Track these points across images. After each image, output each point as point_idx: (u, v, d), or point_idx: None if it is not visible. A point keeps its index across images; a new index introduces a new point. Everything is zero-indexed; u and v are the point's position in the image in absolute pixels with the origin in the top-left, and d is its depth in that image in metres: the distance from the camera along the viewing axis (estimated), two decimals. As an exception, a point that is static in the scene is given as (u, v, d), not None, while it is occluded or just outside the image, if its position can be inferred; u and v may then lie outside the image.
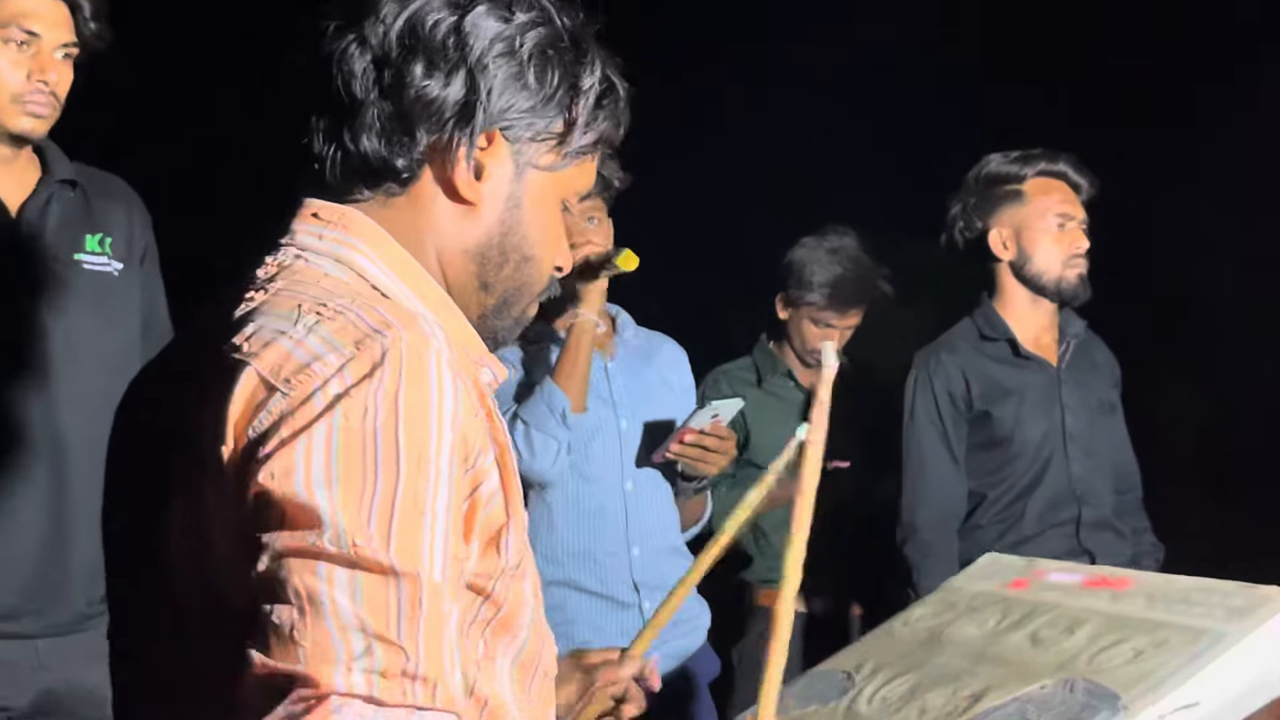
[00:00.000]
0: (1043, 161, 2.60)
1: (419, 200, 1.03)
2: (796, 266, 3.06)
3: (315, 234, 1.02)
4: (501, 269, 1.07)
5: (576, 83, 1.04)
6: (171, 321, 2.31)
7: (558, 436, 2.21)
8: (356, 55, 0.99)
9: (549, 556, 2.28)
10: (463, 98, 1.00)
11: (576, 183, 1.10)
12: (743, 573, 3.17)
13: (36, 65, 2.00)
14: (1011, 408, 2.57)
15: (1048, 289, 2.59)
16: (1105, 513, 2.59)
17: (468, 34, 0.99)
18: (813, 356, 3.13)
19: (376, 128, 0.99)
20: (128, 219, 2.22)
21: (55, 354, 2.08)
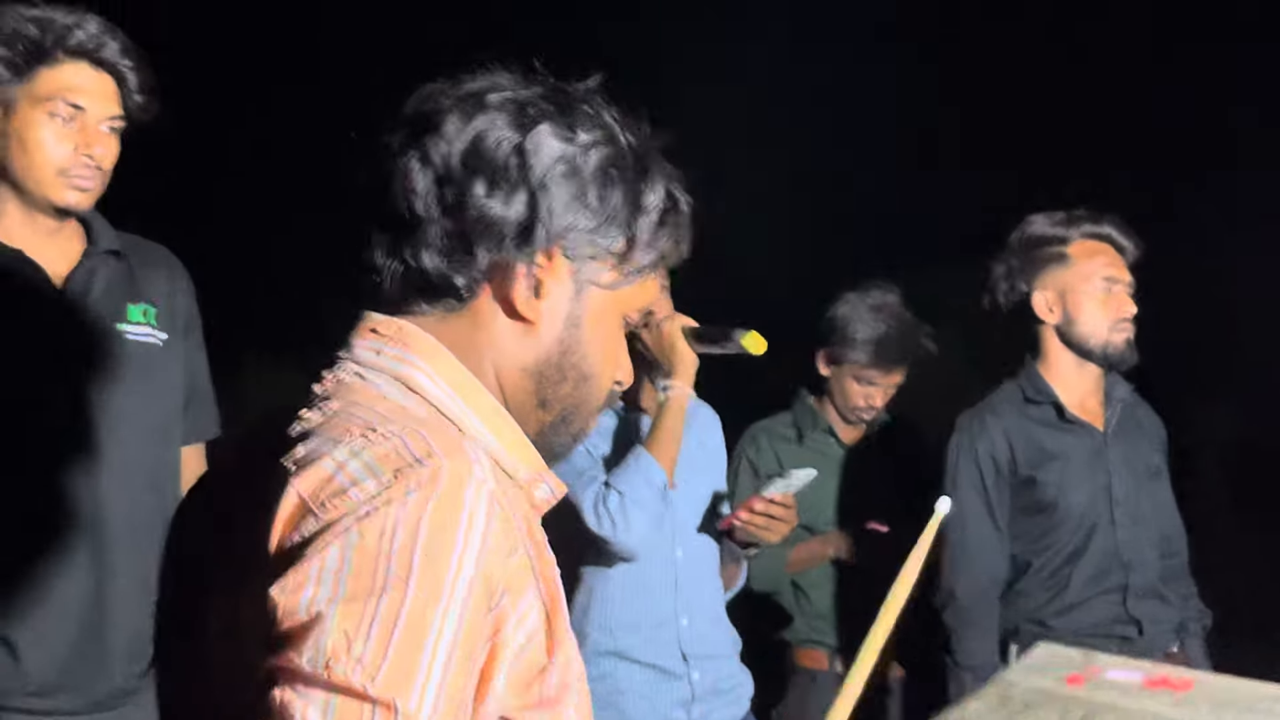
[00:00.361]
0: (1088, 223, 2.57)
1: (478, 316, 1.03)
2: (840, 323, 3.04)
3: (374, 349, 1.02)
4: (560, 387, 1.06)
5: (639, 201, 1.04)
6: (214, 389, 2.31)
7: (653, 511, 2.18)
8: (419, 172, 1.00)
9: (602, 626, 2.25)
10: (524, 218, 1.00)
11: (637, 299, 1.09)
12: (783, 632, 3.15)
13: (82, 139, 2.00)
14: (1056, 473, 2.53)
15: (1094, 353, 2.56)
16: (1152, 579, 2.54)
17: (530, 154, 1.00)
18: (854, 414, 3.12)
19: (438, 245, 1.00)
20: (171, 288, 2.22)
21: (97, 428, 2.07)
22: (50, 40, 2.00)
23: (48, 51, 2.00)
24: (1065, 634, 2.45)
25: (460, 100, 1.02)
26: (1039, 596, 2.51)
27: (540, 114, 1.02)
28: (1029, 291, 2.59)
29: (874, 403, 3.06)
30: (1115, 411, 2.61)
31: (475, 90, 1.03)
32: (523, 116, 1.01)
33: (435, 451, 0.88)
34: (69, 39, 2.00)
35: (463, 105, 1.01)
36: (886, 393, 3.08)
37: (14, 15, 2.00)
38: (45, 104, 1.99)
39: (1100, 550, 2.51)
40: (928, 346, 3.07)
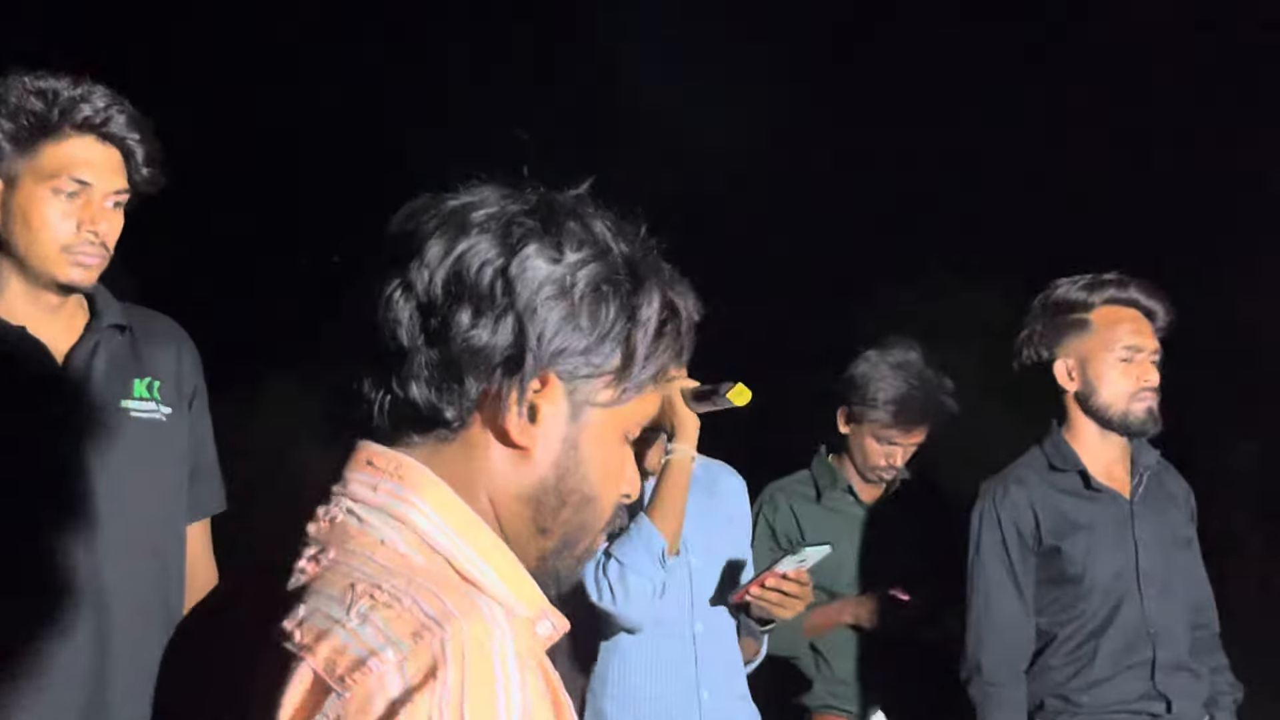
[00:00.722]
0: (1112, 289, 2.52)
1: (471, 445, 0.99)
2: (860, 381, 2.98)
3: (370, 485, 0.98)
4: (560, 512, 1.02)
5: (634, 315, 1.00)
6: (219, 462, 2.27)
7: (654, 579, 2.15)
8: (402, 301, 0.97)
9: (619, 700, 2.23)
10: (512, 345, 0.96)
11: (639, 414, 1.05)
12: (802, 697, 3.08)
13: (87, 215, 1.97)
14: (1082, 543, 2.48)
15: (1114, 422, 2.51)
16: (1181, 654, 2.48)
17: (515, 278, 0.96)
18: (874, 473, 3.06)
19: (425, 375, 0.96)
20: (177, 361, 2.18)
21: (100, 505, 2.04)
22: (56, 114, 1.96)
23: (53, 126, 1.96)
24: (1092, 710, 2.42)
25: (443, 222, 0.98)
26: (1064, 671, 2.45)
27: (526, 233, 0.97)
28: (1051, 358, 2.55)
29: (894, 462, 3.00)
30: (1142, 480, 2.55)
31: (458, 209, 0.99)
32: (507, 237, 0.97)
33: (450, 611, 0.86)
34: (75, 113, 1.97)
35: (445, 227, 0.98)
36: (907, 452, 3.02)
37: (18, 87, 1.97)
38: (50, 180, 1.96)
39: (1127, 624, 2.45)
40: (949, 406, 3.00)
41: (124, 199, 2.03)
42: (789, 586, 2.22)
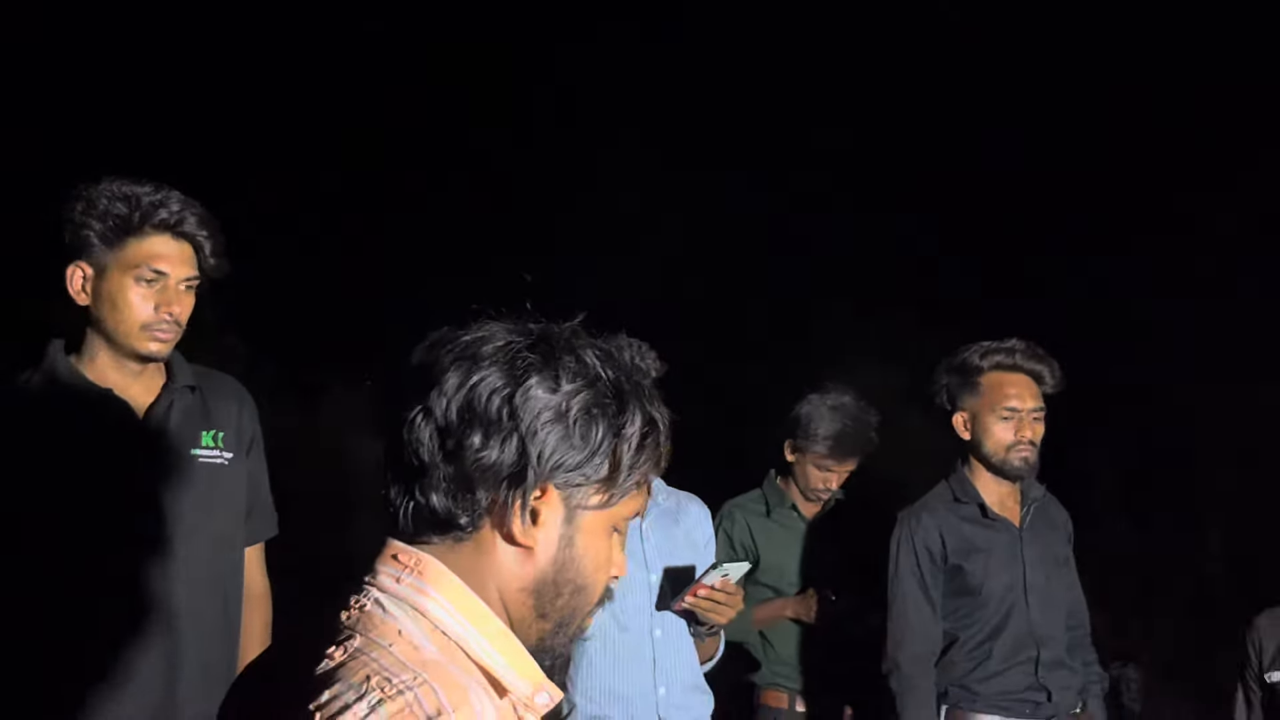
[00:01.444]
0: (999, 355, 2.83)
1: (481, 545, 1.09)
2: (804, 420, 3.38)
3: (394, 577, 1.08)
4: (557, 600, 1.12)
5: (621, 431, 1.10)
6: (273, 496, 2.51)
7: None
8: (423, 424, 1.07)
9: (586, 694, 2.51)
10: (516, 462, 1.06)
11: (626, 511, 1.15)
12: (752, 676, 3.48)
13: (163, 299, 2.18)
14: (980, 563, 2.81)
15: (995, 468, 2.84)
16: (1059, 653, 2.82)
17: (519, 406, 1.06)
18: (813, 494, 3.45)
19: (443, 487, 1.07)
20: (238, 414, 2.40)
21: (171, 534, 2.23)
22: (138, 217, 2.18)
23: (136, 226, 2.18)
24: (987, 698, 2.79)
25: (459, 356, 1.08)
26: (965, 666, 2.80)
27: (528, 366, 1.07)
28: (952, 411, 2.89)
29: (830, 485, 3.39)
30: (1030, 510, 2.89)
31: (471, 343, 1.09)
32: (513, 370, 1.07)
33: (444, 708, 0.97)
34: (154, 216, 2.19)
35: (460, 361, 1.08)
36: (841, 477, 3.41)
37: (107, 193, 2.18)
38: (133, 270, 2.17)
39: (1016, 628, 2.80)
40: (875, 440, 3.39)
41: (195, 283, 2.25)
42: (718, 596, 2.45)
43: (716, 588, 2.48)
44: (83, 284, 2.20)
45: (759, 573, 3.46)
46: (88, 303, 2.21)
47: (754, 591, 3.45)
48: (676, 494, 2.76)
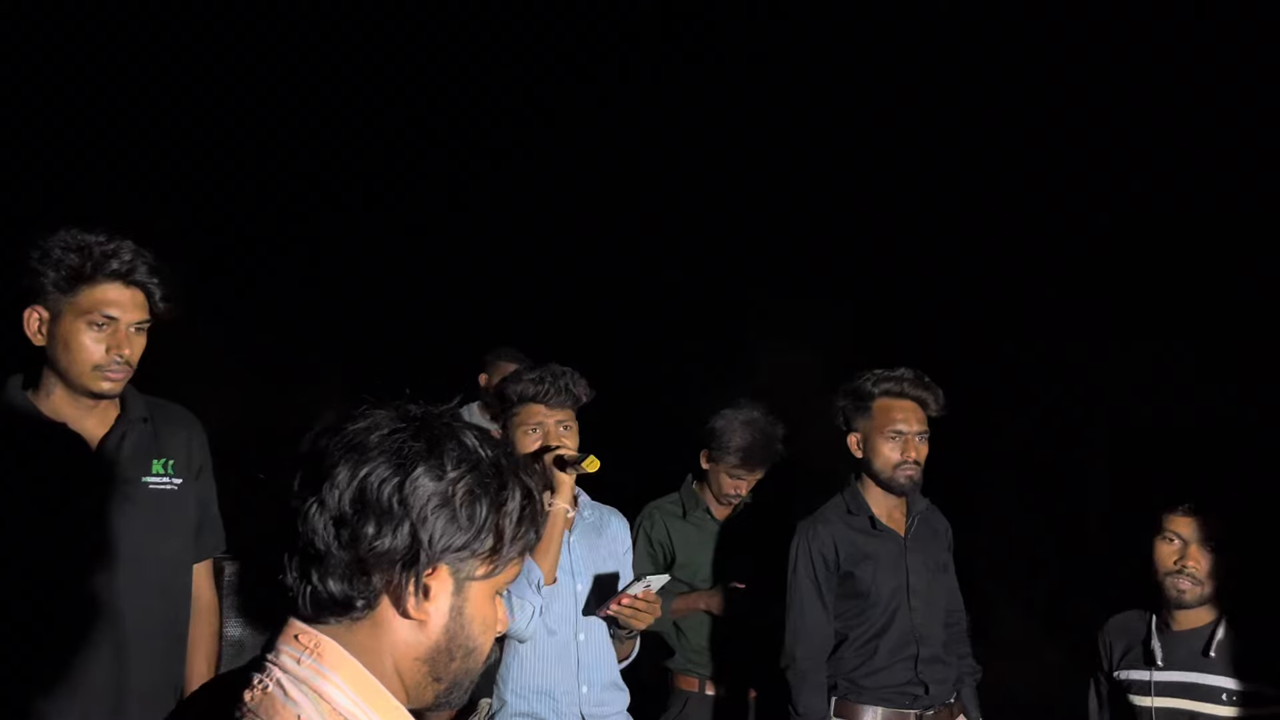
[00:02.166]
0: (888, 382, 3.03)
1: (378, 622, 1.13)
2: (718, 433, 3.58)
3: (295, 657, 1.12)
4: (450, 665, 1.17)
5: (502, 507, 1.15)
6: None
7: (533, 602, 2.57)
8: (318, 515, 1.10)
9: (517, 691, 2.66)
10: (408, 547, 1.10)
11: (509, 576, 1.20)
12: (667, 662, 3.69)
13: (114, 342, 2.25)
14: (869, 569, 3.02)
15: (883, 485, 3.05)
16: (937, 650, 3.06)
17: (408, 495, 1.10)
18: (725, 499, 3.65)
19: (339, 572, 1.11)
20: (188, 442, 2.48)
21: (122, 556, 2.31)
22: (90, 266, 2.25)
23: (88, 275, 2.25)
24: (873, 690, 3.01)
25: (347, 448, 1.12)
26: (853, 661, 3.02)
27: (415, 455, 1.11)
28: (848, 432, 3.10)
29: (741, 491, 3.60)
30: (914, 521, 3.11)
31: (357, 433, 1.12)
32: (400, 459, 1.10)
33: None
34: (106, 266, 2.26)
35: (349, 453, 1.11)
36: (751, 483, 3.62)
37: (61, 243, 2.25)
38: (85, 315, 2.25)
39: (899, 629, 3.02)
40: (782, 451, 3.60)
41: (146, 327, 2.33)
42: (639, 605, 2.61)
43: (639, 597, 2.63)
44: (39, 326, 2.28)
45: (675, 569, 3.65)
46: (44, 343, 2.29)
47: (670, 586, 3.62)
48: (600, 508, 2.90)
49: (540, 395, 2.66)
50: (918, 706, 3.04)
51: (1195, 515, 2.64)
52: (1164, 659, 2.66)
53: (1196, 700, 2.61)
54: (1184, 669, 2.64)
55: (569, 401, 2.69)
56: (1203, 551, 2.63)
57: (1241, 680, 2.58)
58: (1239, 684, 2.57)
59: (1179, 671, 2.65)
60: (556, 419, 2.67)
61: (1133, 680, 2.73)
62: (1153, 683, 2.67)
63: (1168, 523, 2.66)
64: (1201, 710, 2.60)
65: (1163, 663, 2.66)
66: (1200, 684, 2.61)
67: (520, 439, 2.70)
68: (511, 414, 2.72)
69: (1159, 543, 2.66)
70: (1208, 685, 2.60)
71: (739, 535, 3.69)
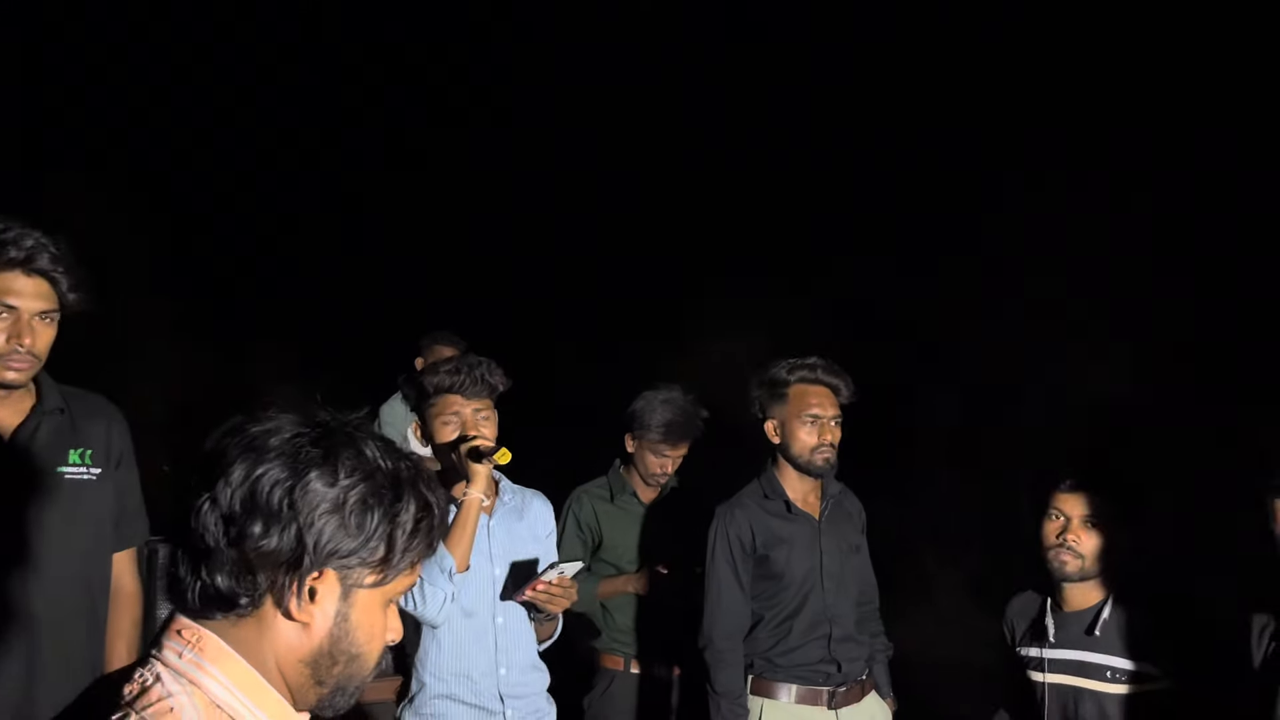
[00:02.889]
0: (803, 370, 3.08)
1: (262, 621, 1.14)
2: (639, 413, 3.62)
3: (177, 651, 1.13)
4: (333, 669, 1.17)
5: (395, 518, 1.15)
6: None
7: (445, 589, 2.56)
8: (209, 512, 1.11)
9: (436, 674, 2.65)
10: (294, 549, 1.11)
11: (401, 587, 1.20)
12: (593, 642, 3.72)
13: (15, 331, 2.21)
14: (784, 552, 3.06)
15: (801, 468, 3.09)
16: (849, 629, 3.11)
17: (298, 498, 1.11)
18: (653, 479, 3.69)
19: (227, 569, 1.11)
20: (106, 431, 2.44)
21: (34, 546, 2.28)
22: None
23: None
24: (787, 668, 3.06)
25: (246, 448, 1.13)
26: (768, 641, 3.06)
27: (310, 461, 1.12)
28: (765, 419, 3.13)
29: (667, 469, 3.63)
30: (828, 505, 3.15)
31: (258, 435, 1.13)
32: (295, 463, 1.11)
33: None
34: (4, 254, 2.22)
35: (246, 454, 1.12)
36: (675, 462, 3.65)
37: None
38: None
39: (813, 609, 3.07)
40: (702, 427, 3.64)
41: (54, 316, 2.28)
42: (555, 590, 2.60)
43: (554, 583, 2.64)
44: None
45: (602, 551, 3.68)
46: None
47: (598, 567, 3.68)
48: (523, 491, 2.89)
49: (456, 386, 2.67)
50: (830, 684, 3.11)
51: (1077, 492, 2.68)
52: (1055, 637, 2.71)
53: (1084, 678, 2.66)
54: (1073, 647, 2.69)
55: (485, 391, 2.69)
56: (1085, 528, 2.66)
57: (1126, 658, 2.63)
58: (1123, 662, 2.63)
59: (1069, 650, 2.69)
60: (474, 408, 2.68)
61: (1029, 657, 2.78)
62: (1045, 660, 2.72)
63: (1052, 500, 2.70)
64: (1088, 687, 2.64)
65: (1054, 640, 2.71)
66: (1088, 662, 2.66)
67: (438, 429, 2.70)
68: (429, 405, 2.72)
69: (1045, 521, 2.72)
70: (1094, 663, 2.65)
71: (664, 518, 3.72)
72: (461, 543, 2.61)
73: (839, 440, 3.14)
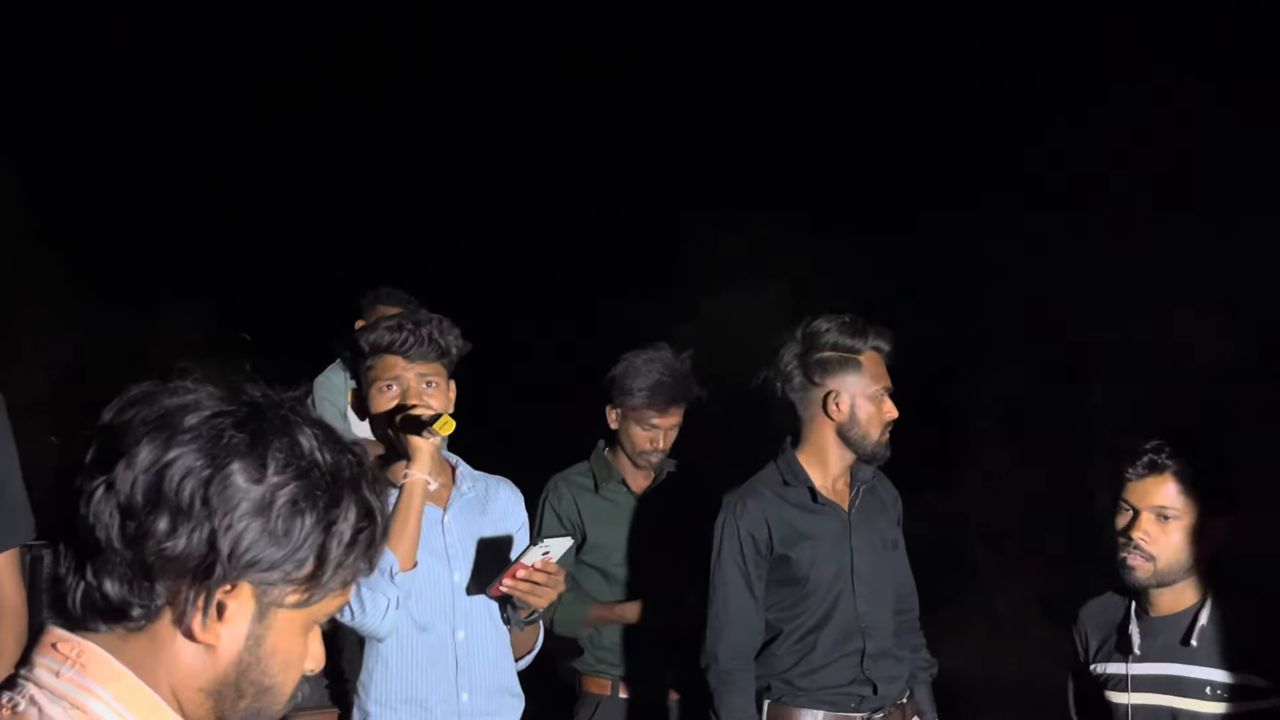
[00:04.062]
0: (874, 337, 2.62)
1: (156, 638, 0.98)
2: (619, 377, 3.10)
3: (53, 670, 0.96)
4: (238, 703, 1.01)
5: (331, 526, 0.99)
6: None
7: (387, 594, 2.14)
8: (103, 500, 0.94)
9: (382, 702, 2.24)
10: (205, 555, 0.94)
11: (327, 610, 1.03)
12: (574, 662, 3.21)
13: None
14: (808, 551, 2.58)
15: (864, 451, 2.62)
16: (886, 643, 2.63)
17: (214, 495, 0.94)
18: (643, 458, 3.15)
19: (119, 572, 0.95)
20: None
21: None
22: None
23: None
24: (811, 692, 2.57)
25: (155, 426, 0.95)
26: (788, 659, 2.57)
27: (232, 448, 0.95)
28: (818, 388, 2.61)
29: (658, 445, 3.10)
30: (859, 493, 2.67)
31: (171, 411, 0.96)
32: (214, 450, 0.95)
33: None
34: None
35: (155, 433, 0.95)
36: (668, 435, 3.12)
37: None
38: None
39: (843, 620, 2.58)
40: (696, 390, 3.13)
41: None
42: (538, 577, 2.19)
43: (537, 567, 2.21)
44: None
45: (584, 552, 3.16)
46: None
47: (580, 573, 3.15)
48: (485, 479, 2.45)
49: (397, 345, 2.23)
50: (864, 709, 2.60)
51: (1150, 477, 2.17)
52: (1141, 649, 2.23)
53: (1177, 695, 2.20)
54: (1163, 660, 2.23)
55: (433, 353, 2.26)
56: (1158, 522, 2.17)
57: (1229, 670, 2.17)
58: (1226, 675, 2.16)
59: (1158, 663, 2.23)
60: (418, 373, 2.25)
61: (1108, 675, 2.31)
62: (1129, 677, 2.24)
63: (1122, 489, 2.20)
64: (1184, 707, 2.19)
65: (1140, 652, 2.23)
66: (1182, 676, 2.20)
67: (374, 397, 2.26)
68: (366, 368, 2.28)
69: (1116, 515, 2.20)
70: (1190, 678, 2.19)
71: (658, 510, 3.18)
72: (404, 536, 2.18)
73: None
